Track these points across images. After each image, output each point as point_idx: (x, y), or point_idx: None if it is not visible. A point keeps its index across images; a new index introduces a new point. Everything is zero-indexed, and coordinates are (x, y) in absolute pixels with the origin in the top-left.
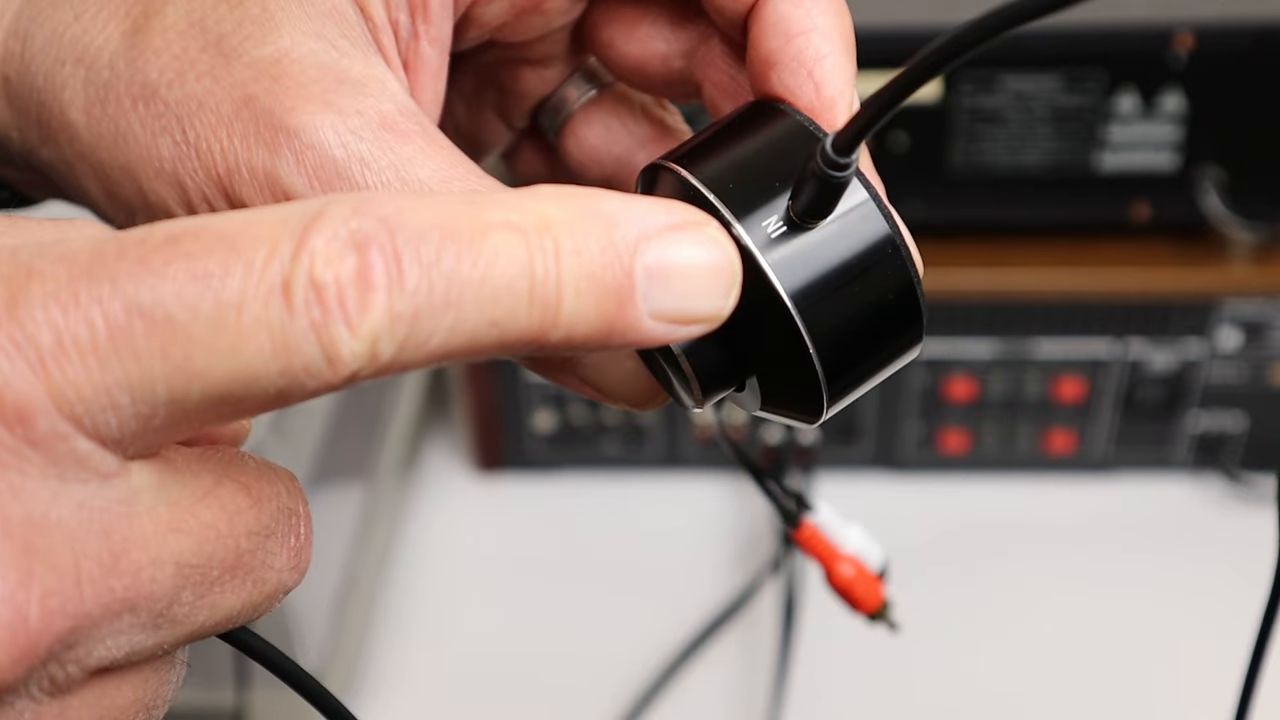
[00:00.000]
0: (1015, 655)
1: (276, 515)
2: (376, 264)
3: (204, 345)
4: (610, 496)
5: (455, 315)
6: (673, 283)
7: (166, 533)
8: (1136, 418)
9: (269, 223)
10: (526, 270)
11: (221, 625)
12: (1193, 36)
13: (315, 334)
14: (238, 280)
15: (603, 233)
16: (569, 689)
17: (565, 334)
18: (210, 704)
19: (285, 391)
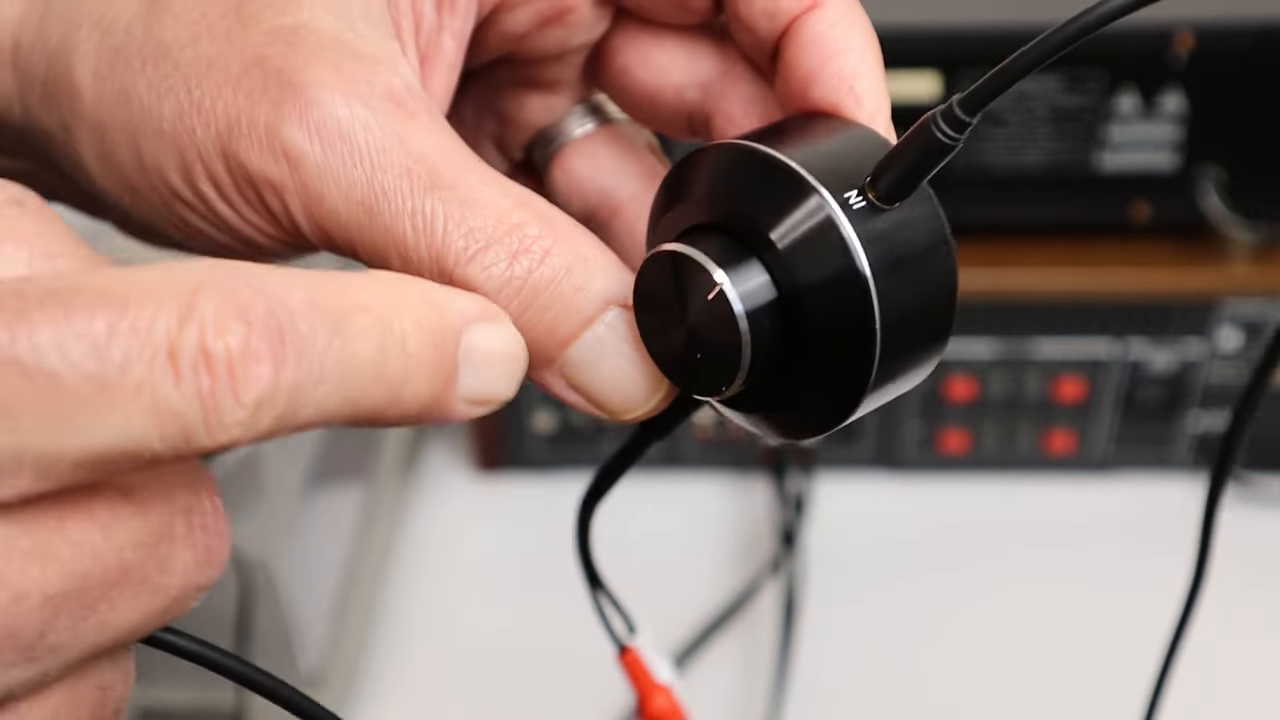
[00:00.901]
0: (1015, 655)
1: (169, 516)
2: (262, 338)
3: (84, 406)
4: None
5: (324, 391)
6: (482, 368)
7: (25, 565)
8: (1137, 418)
9: (154, 282)
10: (381, 352)
11: (122, 640)
12: (1193, 36)
13: (199, 402)
14: (123, 340)
15: (438, 320)
16: (569, 689)
17: (402, 411)
18: (210, 704)
19: (158, 457)
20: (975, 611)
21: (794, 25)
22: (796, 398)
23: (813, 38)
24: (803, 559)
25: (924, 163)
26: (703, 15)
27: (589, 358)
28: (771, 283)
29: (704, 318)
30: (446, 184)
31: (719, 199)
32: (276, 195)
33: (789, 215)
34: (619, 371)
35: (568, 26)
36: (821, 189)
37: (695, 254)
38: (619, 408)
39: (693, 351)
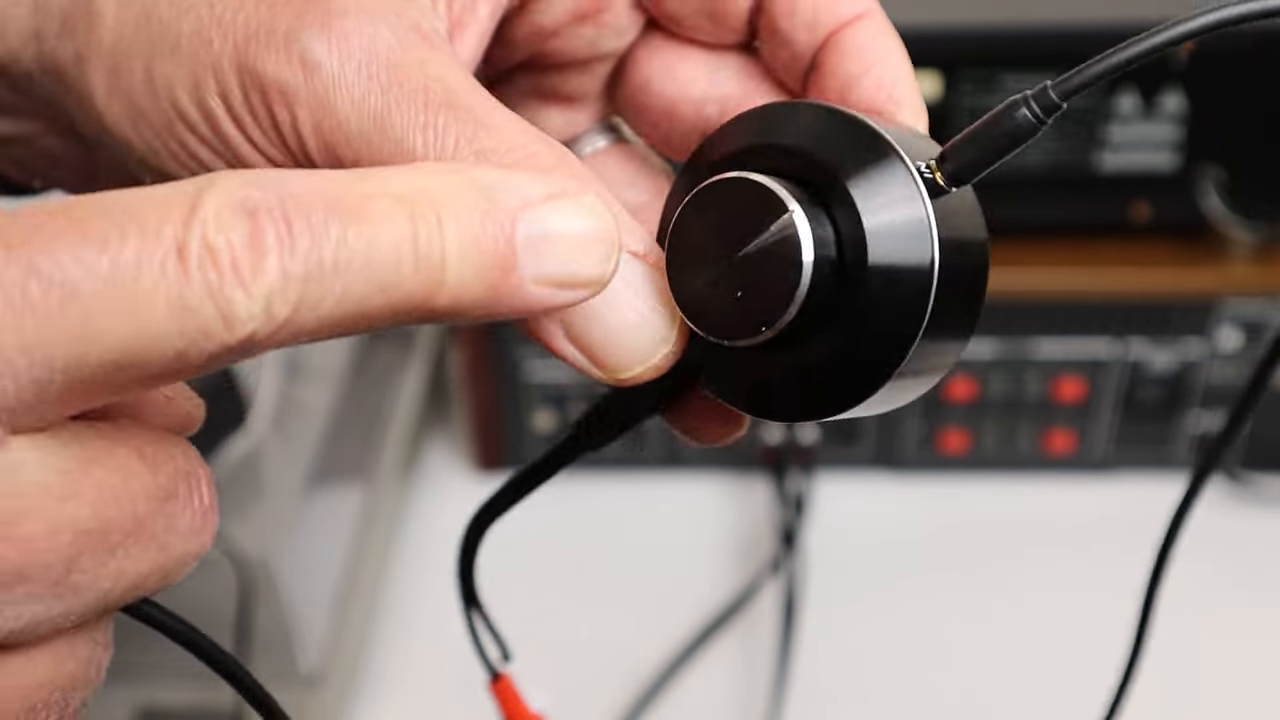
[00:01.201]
0: (1015, 655)
1: (174, 477)
2: (268, 229)
3: (102, 307)
4: (610, 496)
5: (345, 281)
6: (553, 249)
7: (59, 501)
8: (1137, 418)
9: (160, 193)
10: (410, 238)
11: (130, 593)
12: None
13: (211, 296)
14: (133, 244)
15: (484, 202)
16: (569, 689)
17: (452, 299)
18: (210, 704)
19: (184, 355)
20: (975, 611)
21: (834, 37)
22: (819, 366)
23: (853, 48)
24: (803, 559)
25: (1003, 144)
26: (736, 34)
27: (594, 303)
28: (834, 236)
29: (762, 251)
30: (463, 105)
31: (791, 147)
32: (287, 106)
33: (868, 173)
34: (623, 324)
35: (600, 26)
36: (903, 154)
37: (771, 184)
38: (617, 364)
39: (733, 290)
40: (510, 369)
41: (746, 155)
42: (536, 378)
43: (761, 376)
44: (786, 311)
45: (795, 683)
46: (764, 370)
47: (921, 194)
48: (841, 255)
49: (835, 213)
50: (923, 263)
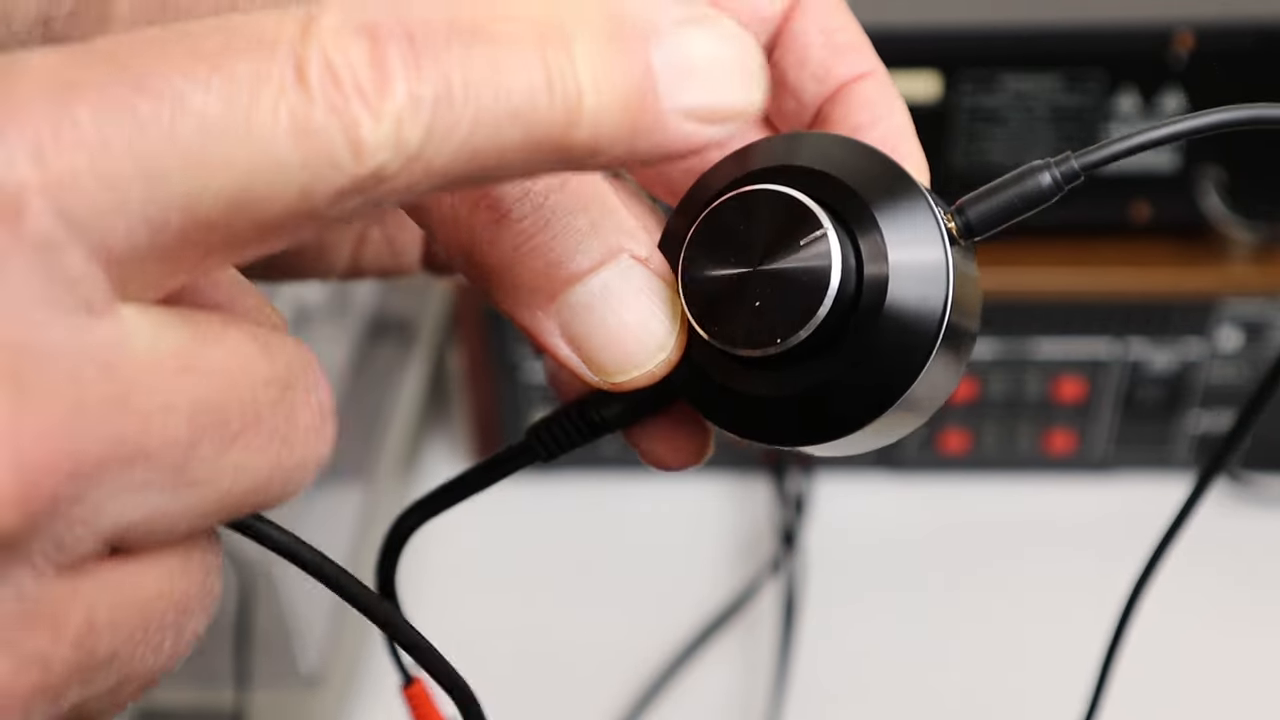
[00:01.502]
0: (1015, 655)
1: (291, 366)
2: (391, 48)
3: (220, 129)
4: (610, 496)
5: (476, 104)
6: (694, 75)
7: (174, 375)
8: (1137, 418)
9: (268, 15)
10: (542, 61)
11: (250, 496)
12: (1193, 36)
13: (336, 117)
14: (248, 61)
15: (614, 25)
16: (569, 689)
17: (591, 131)
18: (210, 704)
19: (308, 191)
20: (975, 611)
21: (842, 90)
22: (810, 392)
23: (863, 101)
24: (803, 559)
25: (1019, 205)
26: None
27: (592, 303)
28: (856, 264)
29: (790, 264)
30: None
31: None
32: None
33: (896, 209)
34: (622, 326)
35: None
36: (930, 198)
37: (808, 201)
38: (612, 368)
39: (751, 300)
40: (510, 369)
41: (772, 174)
42: (536, 378)
43: (746, 397)
44: (806, 326)
45: (795, 683)
46: (749, 391)
47: (944, 240)
48: (860, 282)
49: (859, 240)
50: (937, 306)
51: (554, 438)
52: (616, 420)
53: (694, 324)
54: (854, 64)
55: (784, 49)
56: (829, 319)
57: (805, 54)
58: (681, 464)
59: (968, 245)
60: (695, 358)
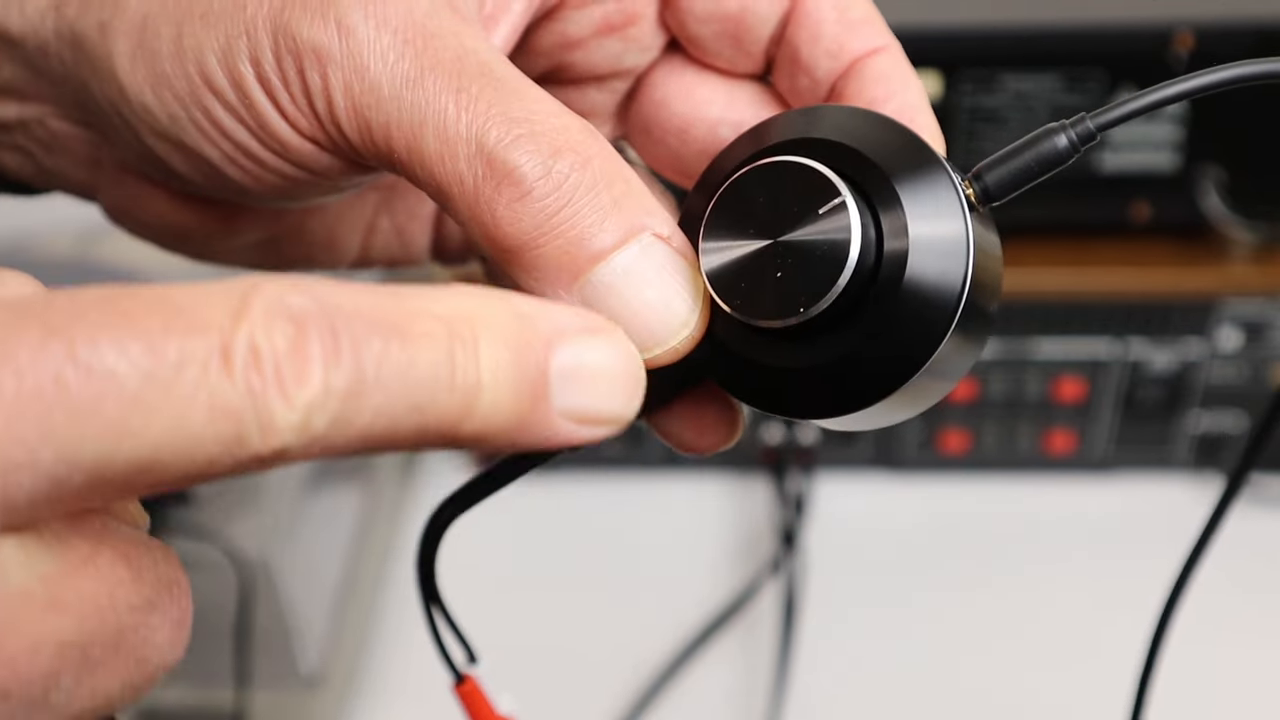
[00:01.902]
0: (1015, 655)
1: (157, 586)
2: (313, 339)
3: (140, 404)
4: (610, 496)
5: (383, 397)
6: (584, 383)
7: (43, 612)
8: (1137, 418)
9: (205, 291)
10: (449, 357)
11: (103, 709)
12: (1193, 36)
13: (252, 400)
14: (177, 342)
15: (520, 330)
16: (569, 689)
17: (480, 424)
18: (210, 704)
19: (214, 462)
20: (975, 611)
21: (856, 65)
22: (832, 365)
23: (877, 76)
24: (803, 559)
25: (1036, 168)
26: (754, 62)
27: (615, 282)
28: (876, 234)
29: (811, 235)
30: (496, 75)
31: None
32: (319, 68)
33: (916, 180)
34: (644, 304)
35: (625, 40)
36: (947, 165)
37: (827, 171)
38: (636, 344)
39: (773, 272)
40: None
41: (792, 147)
42: None
43: (768, 370)
44: (828, 294)
45: (795, 682)
46: (771, 364)
47: (964, 211)
48: (880, 254)
49: (879, 211)
50: (957, 276)
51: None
52: (641, 405)
53: (716, 298)
54: (867, 38)
55: (797, 25)
56: (850, 288)
57: (818, 30)
58: (710, 446)
59: (986, 211)
60: (718, 334)
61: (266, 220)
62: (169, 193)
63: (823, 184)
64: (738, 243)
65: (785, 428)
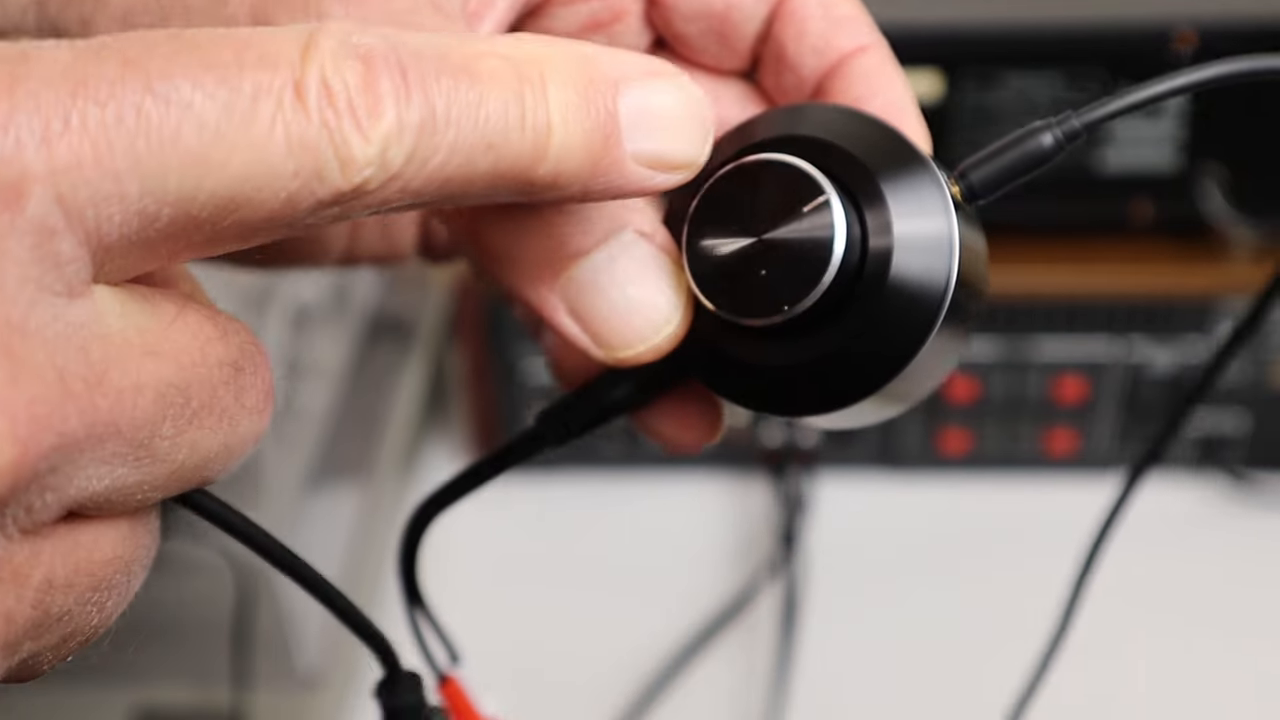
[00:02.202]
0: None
1: (244, 349)
2: (383, 74)
3: (218, 135)
4: (610, 496)
5: (455, 133)
6: (653, 125)
7: (142, 356)
8: (1138, 418)
9: (273, 31)
10: (518, 96)
11: (200, 469)
12: (1195, 34)
13: (328, 133)
14: (251, 74)
15: (586, 71)
16: (569, 689)
17: (554, 166)
18: (208, 704)
19: (294, 199)
20: (975, 611)
21: (841, 63)
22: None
23: (862, 73)
24: (803, 559)
25: (1023, 165)
26: (740, 59)
27: (598, 278)
28: (860, 232)
29: (795, 232)
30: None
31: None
32: None
33: (901, 178)
34: (627, 300)
35: (611, 38)
36: (933, 163)
37: (810, 169)
38: (618, 342)
39: (756, 270)
40: (510, 369)
41: (774, 144)
42: (536, 378)
43: (752, 369)
44: (812, 293)
45: (795, 683)
46: (755, 362)
47: (949, 208)
48: (864, 252)
49: (864, 209)
50: (942, 273)
51: (564, 422)
52: (625, 401)
53: (699, 296)
54: (853, 36)
55: (783, 23)
56: (834, 286)
57: (804, 27)
58: (693, 443)
59: (972, 209)
60: (702, 331)
61: None
62: None
63: (807, 182)
64: (722, 241)
65: (785, 428)
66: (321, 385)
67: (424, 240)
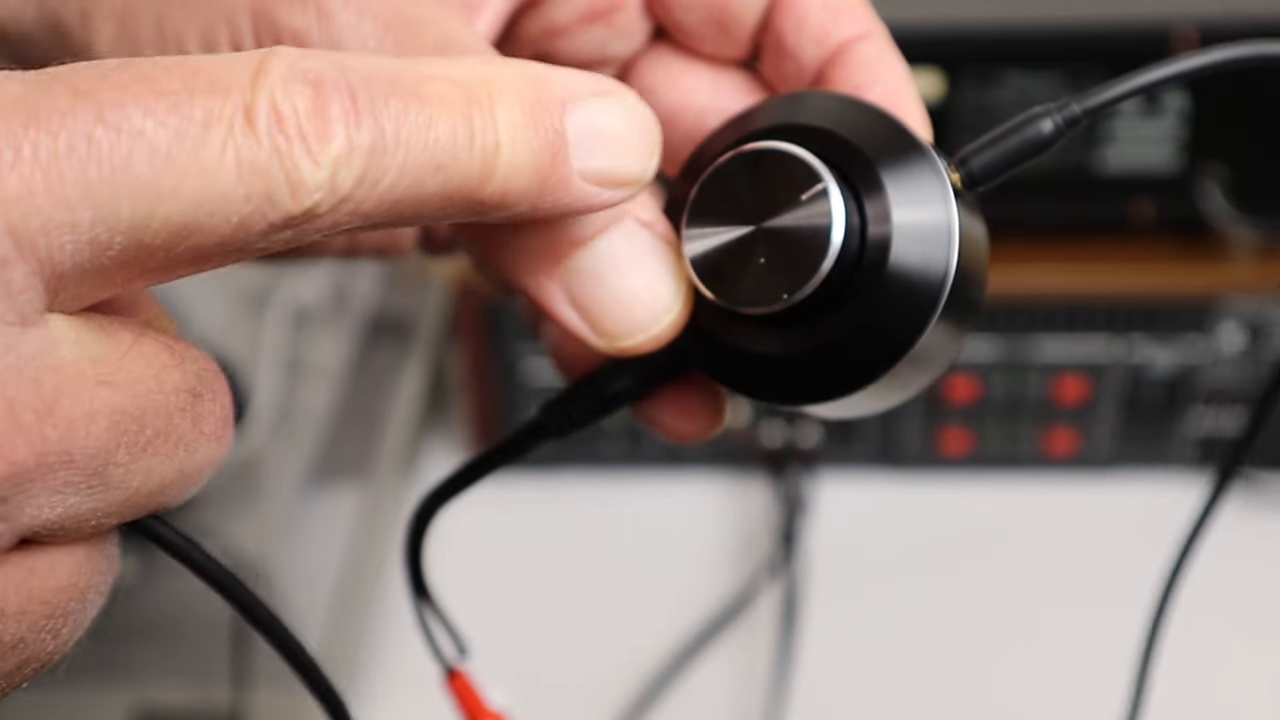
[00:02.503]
0: (1015, 655)
1: (201, 376)
2: (333, 99)
3: (171, 161)
4: (610, 496)
5: (405, 154)
6: (600, 143)
7: (95, 385)
8: (1138, 418)
9: (223, 59)
10: (466, 118)
11: (155, 496)
12: (1195, 33)
13: (279, 158)
14: (201, 101)
15: (534, 91)
16: (569, 689)
17: (502, 185)
18: (208, 704)
19: (246, 224)
20: (976, 611)
21: (841, 51)
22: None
23: (861, 61)
24: (803, 559)
25: (1022, 152)
26: (740, 48)
27: (598, 268)
28: (860, 220)
29: (794, 221)
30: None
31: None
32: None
33: (900, 165)
34: (627, 290)
35: (611, 28)
36: (932, 150)
37: (808, 156)
38: (619, 331)
39: (756, 258)
40: (510, 369)
41: (773, 133)
42: (536, 378)
43: (753, 357)
44: (811, 280)
45: (795, 683)
46: (755, 350)
47: (949, 196)
48: (864, 240)
49: (863, 197)
50: (941, 261)
51: (566, 414)
52: (627, 392)
53: (699, 285)
54: (852, 24)
55: (782, 12)
56: (833, 274)
57: (803, 16)
58: (696, 433)
59: (973, 197)
60: (702, 320)
61: None
62: None
63: (805, 170)
64: (721, 229)
65: (785, 427)
66: (321, 385)
67: (424, 234)
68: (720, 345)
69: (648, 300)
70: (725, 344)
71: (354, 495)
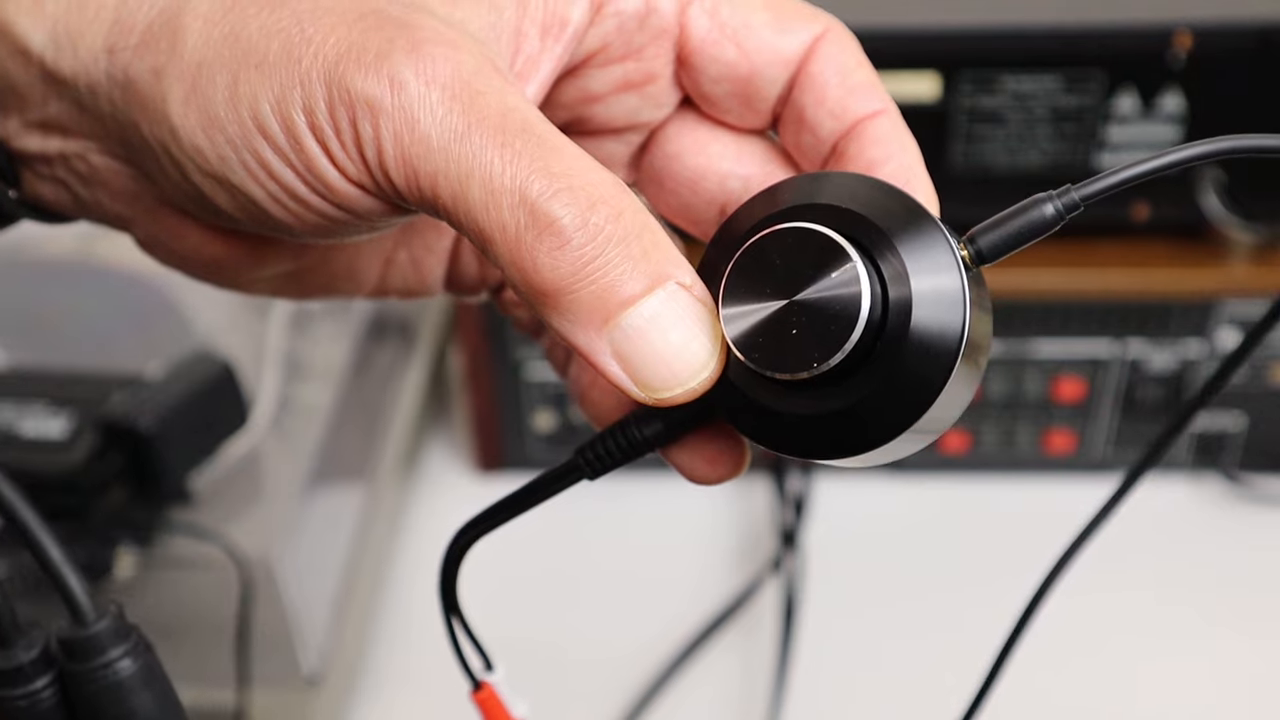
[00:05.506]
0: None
1: None
2: None
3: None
4: (611, 497)
5: None
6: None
7: None
8: (1137, 418)
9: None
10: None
11: None
12: (1192, 36)
13: None
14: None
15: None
16: (569, 689)
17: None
18: (210, 704)
19: None
20: (974, 611)
21: (858, 127)
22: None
23: (876, 138)
24: (803, 559)
25: (1025, 234)
26: (762, 119)
27: (642, 325)
28: (881, 292)
29: (823, 295)
30: (537, 132)
31: (844, 209)
32: (372, 119)
33: (915, 241)
34: (668, 347)
35: (643, 97)
36: (944, 229)
37: (837, 236)
38: (658, 384)
39: (788, 329)
40: (510, 369)
41: (801, 212)
42: (537, 378)
43: (781, 415)
44: (839, 352)
45: (795, 683)
46: (784, 410)
47: (960, 268)
48: (885, 311)
49: (883, 270)
50: (955, 331)
51: (599, 457)
52: (657, 438)
53: (735, 352)
54: (868, 102)
55: (803, 89)
56: (860, 343)
57: (823, 93)
58: (718, 478)
59: (979, 272)
60: (732, 377)
61: (293, 253)
62: (202, 226)
63: (834, 249)
64: (755, 300)
65: None
66: (322, 385)
67: (451, 275)
68: (747, 401)
69: (686, 357)
70: (753, 401)
71: (354, 495)
